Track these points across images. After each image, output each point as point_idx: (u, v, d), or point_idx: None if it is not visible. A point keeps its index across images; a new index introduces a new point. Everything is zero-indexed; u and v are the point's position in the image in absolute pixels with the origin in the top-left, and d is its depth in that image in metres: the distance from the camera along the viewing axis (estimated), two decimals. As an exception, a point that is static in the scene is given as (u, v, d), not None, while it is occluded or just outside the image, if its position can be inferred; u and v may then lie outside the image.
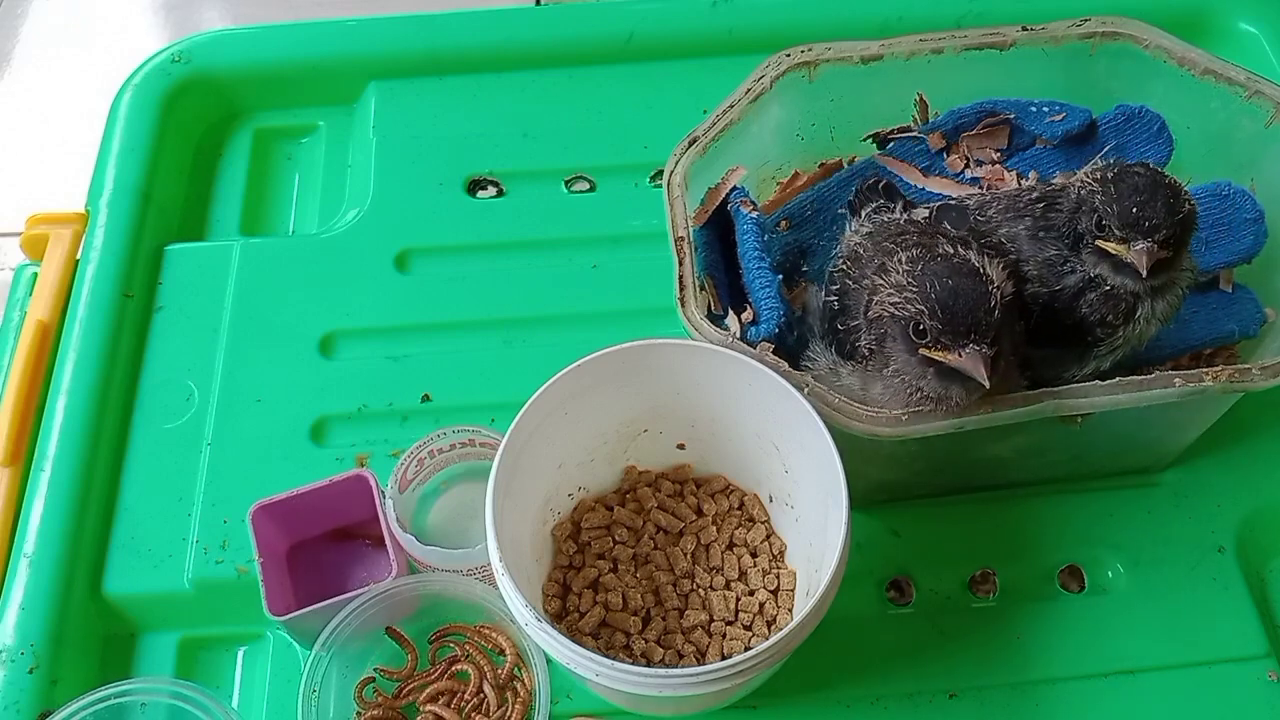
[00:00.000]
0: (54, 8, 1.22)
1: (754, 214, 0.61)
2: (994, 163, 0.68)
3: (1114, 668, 0.61)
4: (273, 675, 0.62)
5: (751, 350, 0.55)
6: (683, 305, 0.56)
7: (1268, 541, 0.66)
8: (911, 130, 0.68)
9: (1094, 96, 0.66)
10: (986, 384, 0.50)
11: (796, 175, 0.70)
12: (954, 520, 0.66)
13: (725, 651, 0.58)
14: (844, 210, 0.66)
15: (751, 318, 0.59)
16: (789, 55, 0.63)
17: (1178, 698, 0.60)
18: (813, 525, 0.58)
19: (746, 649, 0.57)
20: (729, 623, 0.59)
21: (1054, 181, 0.63)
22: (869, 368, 0.55)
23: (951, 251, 0.53)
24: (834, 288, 0.58)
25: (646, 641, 0.58)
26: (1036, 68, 0.65)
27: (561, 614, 0.59)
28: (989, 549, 0.65)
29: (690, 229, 0.58)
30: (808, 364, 0.59)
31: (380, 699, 0.60)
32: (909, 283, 0.52)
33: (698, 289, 0.57)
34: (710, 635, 0.59)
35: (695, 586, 0.60)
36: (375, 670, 0.61)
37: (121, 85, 0.83)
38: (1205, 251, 0.63)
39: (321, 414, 0.70)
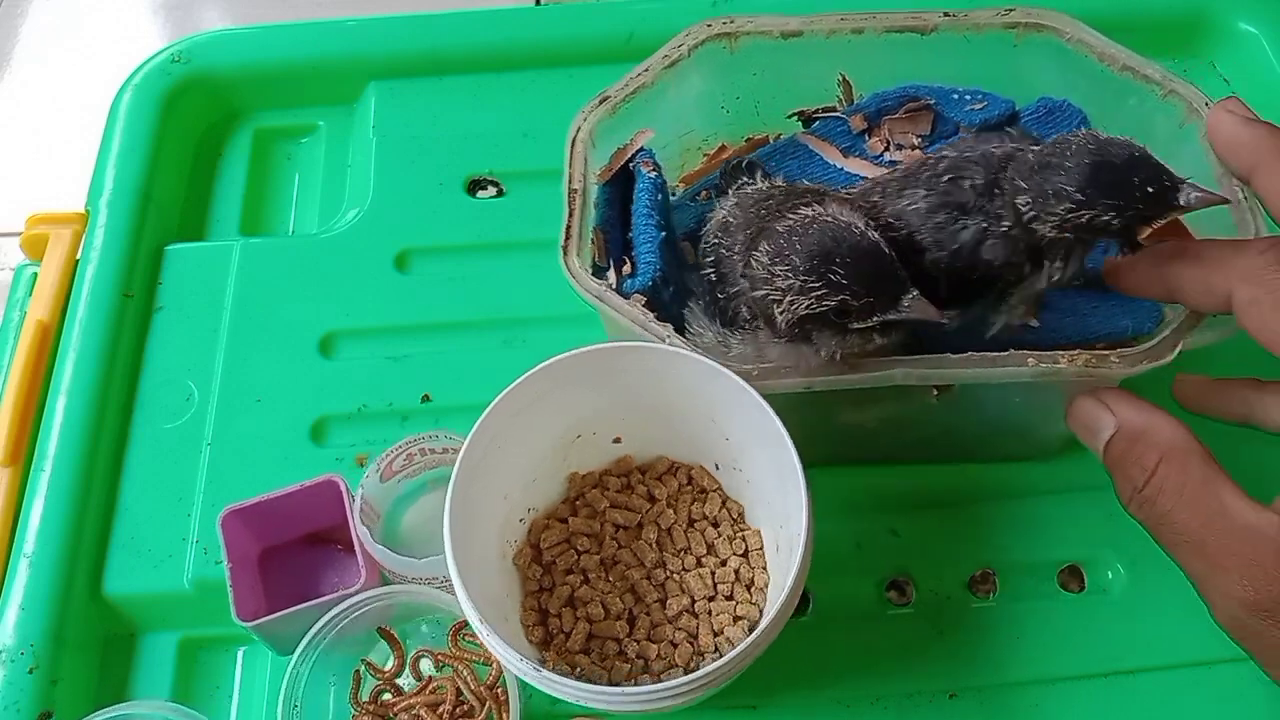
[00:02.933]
0: (54, 8, 1.22)
1: (653, 174, 0.62)
2: (914, 147, 0.68)
3: (1114, 668, 0.61)
4: (272, 676, 0.62)
5: (662, 334, 0.55)
6: (565, 254, 0.57)
7: (1268, 541, 0.66)
8: (836, 110, 0.68)
9: (1019, 88, 0.66)
10: (942, 319, 0.50)
11: (723, 148, 0.70)
12: (954, 520, 0.66)
13: (716, 628, 0.58)
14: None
15: (631, 271, 0.60)
16: (709, 25, 0.64)
17: (1178, 698, 0.60)
18: (766, 484, 0.58)
19: (735, 619, 0.58)
20: (710, 599, 0.59)
21: (947, 152, 0.61)
22: (760, 335, 0.56)
23: (811, 215, 0.51)
24: (709, 260, 0.59)
25: (638, 642, 0.58)
26: (963, 55, 0.65)
27: (547, 640, 0.58)
28: (989, 549, 0.65)
29: (586, 184, 0.59)
30: (694, 337, 0.59)
31: (373, 705, 0.60)
32: (805, 282, 0.50)
33: (588, 241, 0.58)
34: (696, 616, 0.59)
35: (669, 573, 0.60)
36: (362, 662, 0.61)
37: (121, 85, 0.83)
38: (1108, 248, 0.63)
39: (321, 414, 0.70)
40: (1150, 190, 0.50)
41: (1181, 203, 0.50)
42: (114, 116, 0.81)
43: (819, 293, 0.50)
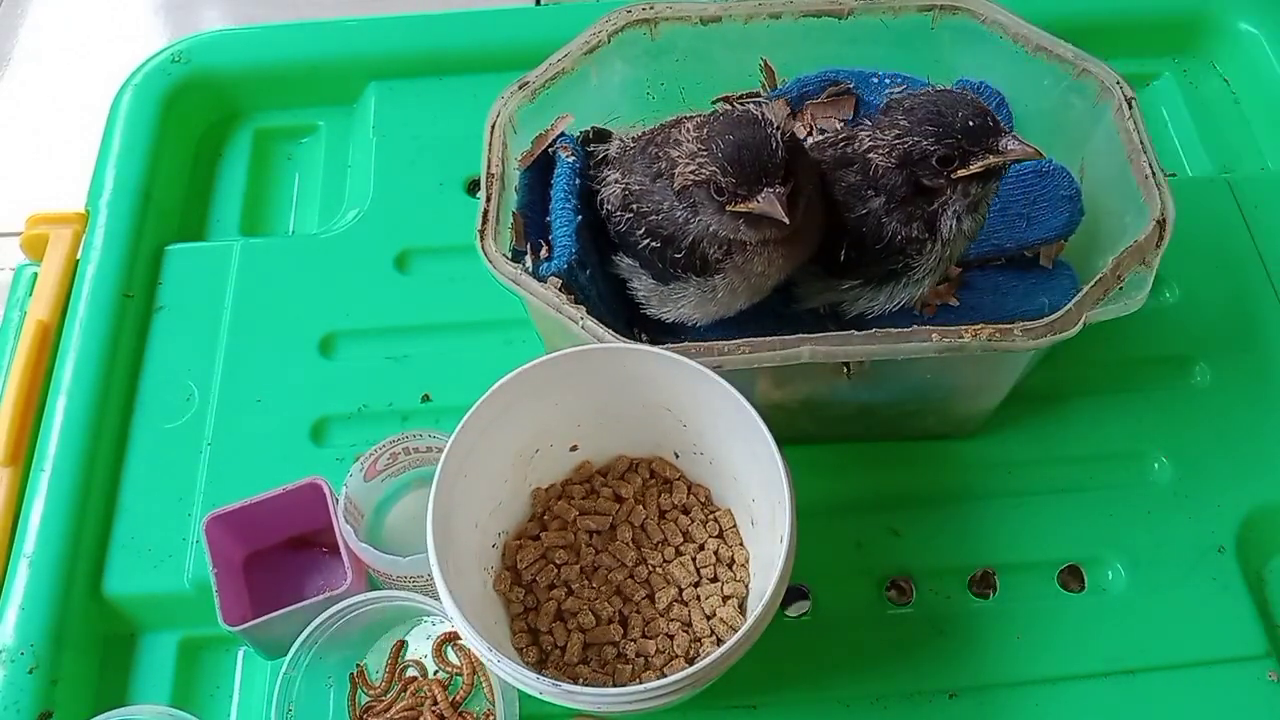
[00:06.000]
0: (54, 8, 1.22)
1: (571, 159, 0.63)
2: (837, 131, 0.68)
3: (1114, 668, 0.61)
4: (272, 677, 0.62)
5: (576, 316, 0.55)
6: (481, 239, 0.57)
7: (1268, 541, 0.66)
8: (759, 95, 0.68)
9: (938, 70, 0.66)
10: (786, 219, 0.52)
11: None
12: (954, 520, 0.66)
13: (707, 611, 0.58)
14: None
15: (548, 254, 0.60)
16: (629, 11, 0.65)
17: (1178, 698, 0.60)
18: (729, 462, 0.58)
19: (724, 598, 0.58)
20: (696, 584, 0.59)
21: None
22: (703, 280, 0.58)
23: (729, 109, 0.55)
24: (639, 233, 0.59)
25: (634, 641, 0.58)
26: (882, 39, 0.66)
27: (543, 659, 0.58)
28: (989, 549, 0.65)
29: (506, 169, 0.60)
30: (632, 291, 0.61)
31: (366, 715, 0.60)
32: (699, 149, 0.53)
33: (507, 225, 0.59)
34: (686, 603, 0.59)
35: (651, 569, 0.60)
36: (357, 667, 0.61)
37: (121, 85, 0.83)
38: (1026, 228, 0.64)
39: (321, 414, 0.70)
40: (971, 124, 0.53)
41: (1000, 148, 0.53)
42: (114, 116, 0.81)
43: (702, 162, 0.54)
